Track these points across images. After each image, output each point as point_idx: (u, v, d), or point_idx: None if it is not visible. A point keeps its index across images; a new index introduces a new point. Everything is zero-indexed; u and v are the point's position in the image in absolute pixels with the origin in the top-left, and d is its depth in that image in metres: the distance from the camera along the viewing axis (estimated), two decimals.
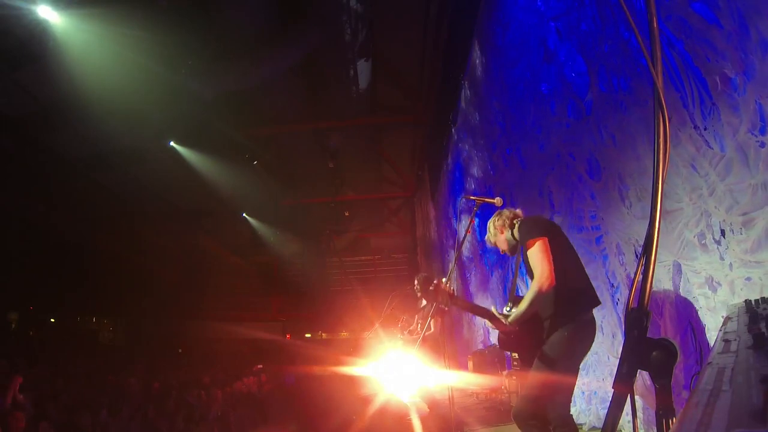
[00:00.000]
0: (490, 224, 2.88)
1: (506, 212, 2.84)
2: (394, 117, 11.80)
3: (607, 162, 3.48)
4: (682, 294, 2.68)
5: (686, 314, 2.63)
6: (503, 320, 2.50)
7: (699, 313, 2.52)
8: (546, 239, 2.43)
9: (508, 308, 2.61)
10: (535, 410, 2.39)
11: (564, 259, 2.47)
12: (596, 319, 2.50)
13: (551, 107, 4.46)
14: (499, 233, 2.83)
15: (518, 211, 2.86)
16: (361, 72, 9.27)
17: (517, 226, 2.71)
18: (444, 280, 2.68)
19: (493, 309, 2.57)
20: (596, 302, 2.49)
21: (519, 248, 2.72)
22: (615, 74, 3.22)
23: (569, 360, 2.40)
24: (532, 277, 2.45)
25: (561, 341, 2.37)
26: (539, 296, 2.37)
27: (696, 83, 2.39)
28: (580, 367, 2.49)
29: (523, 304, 2.41)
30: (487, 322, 2.60)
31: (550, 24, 4.32)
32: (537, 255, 2.40)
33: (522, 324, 2.49)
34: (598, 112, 3.54)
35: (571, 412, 2.45)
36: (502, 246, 2.85)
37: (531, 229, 2.51)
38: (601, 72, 3.44)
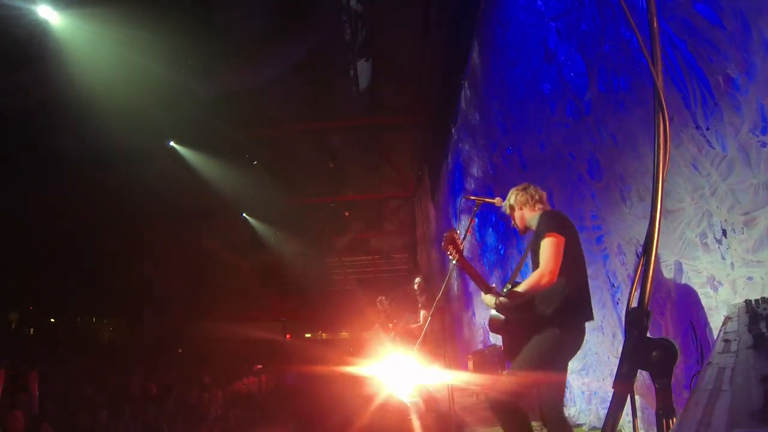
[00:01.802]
0: (512, 195, 2.76)
1: (532, 190, 2.72)
2: (394, 117, 11.80)
3: (608, 162, 3.48)
4: (683, 293, 2.68)
5: (687, 314, 2.63)
6: (496, 298, 2.48)
7: (700, 312, 2.52)
8: (564, 240, 2.38)
9: (506, 289, 2.58)
10: (515, 403, 2.38)
11: (577, 266, 2.46)
12: (596, 319, 2.51)
13: (551, 107, 4.46)
14: (518, 208, 2.73)
15: (544, 194, 2.75)
16: (361, 72, 9.27)
17: (539, 213, 2.62)
18: (458, 231, 2.64)
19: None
20: (591, 317, 2.51)
21: (530, 233, 2.66)
22: (615, 74, 3.22)
23: (555, 359, 2.41)
24: (535, 268, 2.44)
25: (550, 340, 2.37)
26: (535, 288, 2.35)
27: (698, 83, 2.39)
28: (581, 367, 2.49)
29: (519, 288, 2.41)
30: (483, 296, 2.59)
31: (550, 24, 4.32)
32: (549, 250, 2.36)
33: (514, 310, 2.48)
34: (598, 111, 3.53)
35: (567, 412, 2.45)
36: (517, 222, 2.77)
37: (554, 223, 2.46)
38: (601, 72, 3.43)
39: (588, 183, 3.86)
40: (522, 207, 2.70)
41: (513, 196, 2.76)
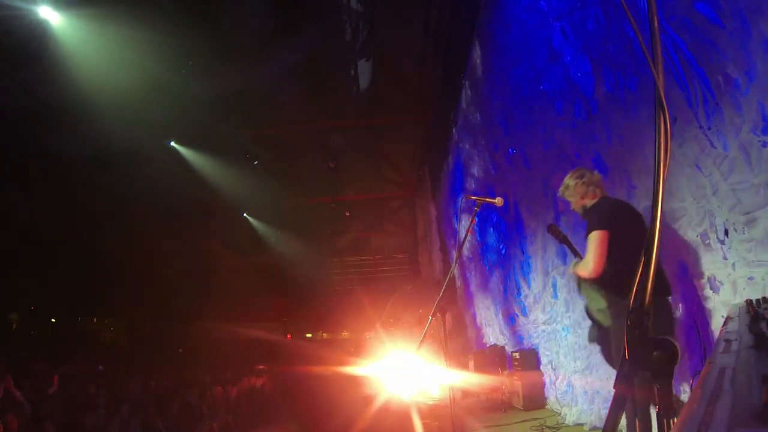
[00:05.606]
0: (572, 183, 2.90)
1: (589, 175, 2.87)
2: (395, 117, 11.79)
3: (615, 161, 3.48)
4: (684, 293, 2.67)
5: (690, 313, 2.63)
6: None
7: (702, 312, 2.52)
8: (608, 234, 2.53)
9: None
10: None
11: (624, 257, 2.46)
12: None
13: (556, 107, 4.45)
14: (579, 198, 2.88)
15: (600, 176, 2.90)
16: (362, 72, 9.25)
17: (596, 201, 2.80)
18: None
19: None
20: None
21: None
22: (621, 74, 3.22)
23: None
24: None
25: None
26: (580, 277, 2.67)
27: (700, 83, 2.38)
28: (584, 366, 2.50)
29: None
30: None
31: (554, 24, 4.31)
32: (593, 245, 2.54)
33: None
34: (605, 111, 3.53)
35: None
36: (578, 209, 2.93)
37: (599, 218, 2.62)
38: (606, 71, 3.43)
39: None
40: (583, 197, 2.86)
41: (574, 185, 2.89)
